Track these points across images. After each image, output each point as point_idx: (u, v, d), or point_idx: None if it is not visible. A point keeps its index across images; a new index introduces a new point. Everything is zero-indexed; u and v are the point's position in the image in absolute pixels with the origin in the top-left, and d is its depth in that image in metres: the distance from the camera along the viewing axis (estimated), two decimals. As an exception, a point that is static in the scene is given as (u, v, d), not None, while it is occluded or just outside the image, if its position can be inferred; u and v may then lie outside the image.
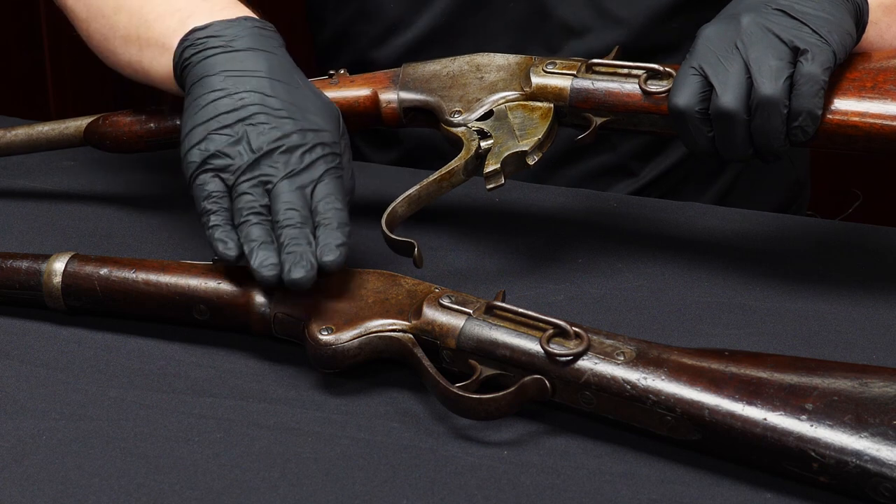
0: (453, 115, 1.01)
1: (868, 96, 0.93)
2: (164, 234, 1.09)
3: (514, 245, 1.07)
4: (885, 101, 0.93)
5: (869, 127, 0.92)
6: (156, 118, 1.07)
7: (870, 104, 0.93)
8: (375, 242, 1.08)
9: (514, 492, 0.78)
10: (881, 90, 0.93)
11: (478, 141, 0.99)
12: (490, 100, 1.01)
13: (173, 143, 1.08)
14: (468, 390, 0.82)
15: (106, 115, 1.09)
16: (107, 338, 0.93)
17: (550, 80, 1.00)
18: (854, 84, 0.94)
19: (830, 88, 0.93)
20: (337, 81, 1.05)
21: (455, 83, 1.03)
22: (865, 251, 1.06)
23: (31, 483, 0.78)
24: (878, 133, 0.92)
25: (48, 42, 2.38)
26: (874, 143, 0.92)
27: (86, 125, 1.10)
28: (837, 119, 0.93)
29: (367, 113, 1.04)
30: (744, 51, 0.92)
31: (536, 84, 1.00)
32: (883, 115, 0.92)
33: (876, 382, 0.78)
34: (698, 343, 0.88)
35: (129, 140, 1.08)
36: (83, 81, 2.40)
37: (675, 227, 1.10)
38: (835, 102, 0.93)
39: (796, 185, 1.33)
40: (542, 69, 1.01)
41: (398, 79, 1.04)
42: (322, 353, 0.86)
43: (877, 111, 0.92)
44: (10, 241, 1.07)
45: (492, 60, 1.04)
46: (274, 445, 0.82)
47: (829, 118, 0.93)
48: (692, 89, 0.93)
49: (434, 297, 0.87)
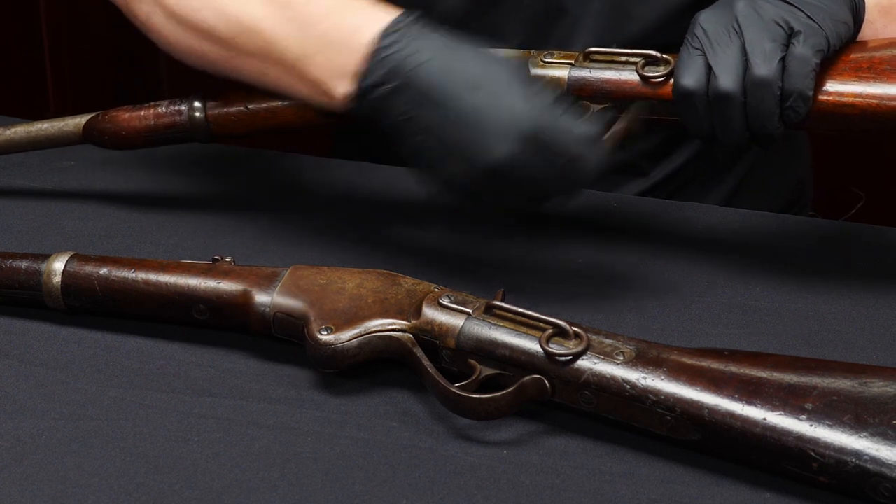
0: None
1: (865, 77, 0.94)
2: (164, 234, 1.09)
3: (514, 245, 1.07)
4: (881, 82, 0.94)
5: (866, 106, 0.93)
6: (154, 113, 1.07)
7: (866, 85, 0.94)
8: (376, 242, 1.08)
9: (514, 492, 0.78)
10: (877, 71, 0.94)
11: None
12: None
13: (172, 139, 1.08)
14: (468, 390, 0.82)
15: (105, 111, 1.10)
16: (107, 338, 0.93)
17: (549, 71, 1.01)
18: (850, 66, 0.95)
19: (828, 70, 0.94)
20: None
21: None
22: (866, 251, 1.06)
23: (31, 483, 0.78)
24: (874, 112, 0.93)
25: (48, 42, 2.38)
26: (870, 123, 0.94)
27: (85, 122, 1.10)
28: (834, 99, 0.94)
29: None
30: (739, 34, 0.93)
31: (535, 75, 1.00)
32: (880, 95, 0.93)
33: (876, 382, 0.78)
34: (698, 343, 0.88)
35: (128, 136, 1.08)
36: (83, 81, 2.40)
37: (675, 227, 1.10)
38: (832, 83, 0.94)
39: (800, 184, 1.33)
40: (541, 60, 1.01)
41: None
42: (322, 352, 0.86)
43: (873, 92, 0.93)
44: (10, 241, 1.07)
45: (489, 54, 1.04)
46: (274, 445, 0.82)
47: (826, 99, 0.94)
48: (698, 70, 0.94)
49: (433, 297, 0.87)
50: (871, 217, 1.15)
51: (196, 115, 1.06)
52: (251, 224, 1.11)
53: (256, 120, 1.06)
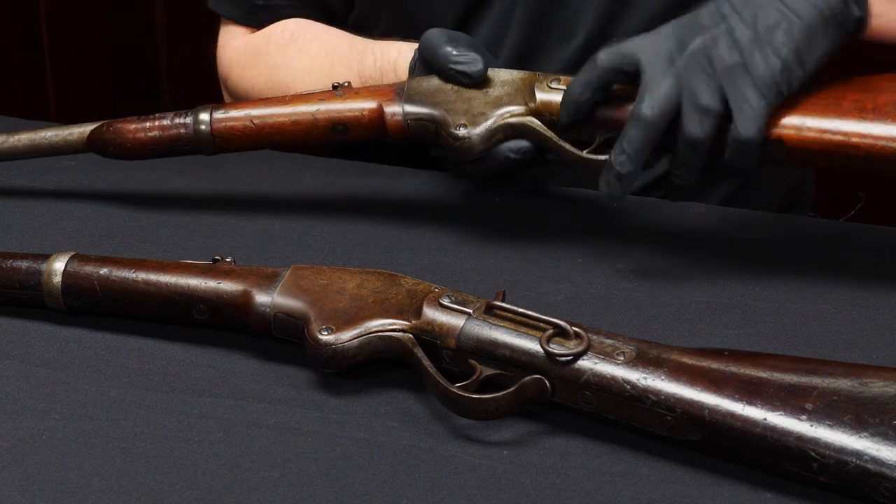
0: (458, 128, 1.01)
1: (869, 118, 0.93)
2: (164, 234, 1.09)
3: (514, 245, 1.07)
4: (886, 123, 0.93)
5: (870, 147, 0.92)
6: (160, 126, 1.07)
7: (871, 125, 0.93)
8: (376, 242, 1.08)
9: (514, 492, 0.78)
10: (882, 112, 0.93)
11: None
12: (495, 114, 1.01)
13: (177, 152, 1.09)
14: (468, 390, 0.82)
15: (109, 122, 1.10)
16: (107, 338, 0.93)
17: (555, 97, 1.01)
18: (855, 105, 0.94)
19: (833, 108, 0.94)
20: (342, 94, 1.05)
21: (460, 97, 1.03)
22: (866, 251, 1.06)
23: (31, 483, 0.78)
24: (878, 154, 0.92)
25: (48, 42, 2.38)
26: (874, 165, 0.93)
27: (89, 132, 1.10)
28: (838, 139, 0.93)
29: (372, 125, 1.05)
30: (681, 76, 0.94)
31: (541, 100, 1.01)
32: (884, 136, 0.92)
33: (876, 382, 0.78)
34: (698, 343, 0.88)
35: (133, 148, 1.08)
36: (83, 81, 2.40)
37: (675, 227, 1.10)
38: (836, 123, 0.93)
39: (800, 184, 1.33)
40: (547, 85, 1.01)
41: (403, 92, 1.04)
42: (322, 353, 0.86)
43: (878, 133, 0.92)
44: (10, 241, 1.07)
45: (496, 75, 1.04)
46: (274, 445, 0.82)
47: (829, 138, 0.93)
48: (617, 59, 0.97)
49: (434, 297, 0.87)
50: (871, 217, 1.15)
51: (201, 128, 1.06)
52: (251, 224, 1.11)
53: (262, 135, 1.06)
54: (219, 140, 1.07)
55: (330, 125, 1.05)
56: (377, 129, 1.05)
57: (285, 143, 1.06)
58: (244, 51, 1.32)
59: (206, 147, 1.07)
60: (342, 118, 1.04)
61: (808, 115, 0.94)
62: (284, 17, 1.32)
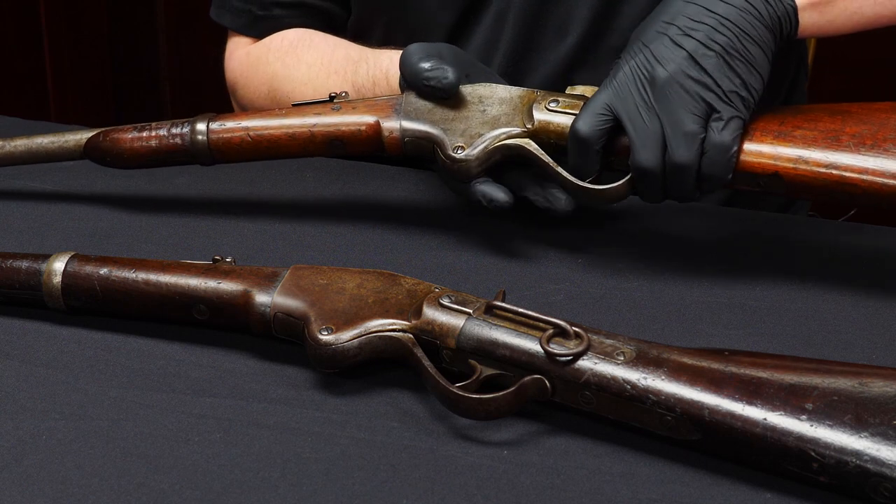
0: (456, 150, 1.00)
1: (869, 154, 0.93)
2: (164, 234, 1.09)
3: (514, 245, 1.07)
4: (885, 159, 0.92)
5: (868, 185, 0.92)
6: (157, 136, 1.07)
7: (870, 160, 0.92)
8: (376, 242, 1.08)
9: (514, 492, 0.78)
10: (881, 148, 0.93)
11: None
12: (491, 135, 1.00)
13: (175, 162, 1.09)
14: (468, 390, 0.82)
15: (106, 131, 1.09)
16: (107, 338, 0.93)
17: (553, 118, 1.00)
18: (854, 140, 0.94)
19: (829, 144, 0.94)
20: (339, 107, 1.05)
21: (457, 115, 1.02)
22: (865, 251, 1.06)
23: (31, 483, 0.78)
24: (878, 191, 0.92)
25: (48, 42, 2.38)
26: (874, 201, 0.92)
27: (86, 140, 1.10)
28: (837, 175, 0.93)
29: (370, 141, 1.04)
30: (659, 111, 0.94)
31: (539, 121, 1.00)
32: (883, 172, 0.92)
33: (876, 382, 0.78)
34: (698, 343, 0.88)
35: (130, 158, 1.08)
36: (83, 81, 2.40)
37: (675, 227, 1.10)
38: (835, 158, 0.93)
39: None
40: (545, 106, 1.00)
41: (400, 107, 1.04)
42: (322, 353, 0.86)
43: (877, 168, 0.92)
44: (10, 241, 1.07)
45: (494, 92, 1.03)
46: (274, 445, 0.82)
47: (829, 173, 0.93)
48: (598, 121, 0.97)
49: (434, 297, 0.87)
50: (871, 217, 1.15)
51: (198, 138, 1.06)
52: (251, 224, 1.11)
53: (259, 149, 1.06)
54: (216, 152, 1.07)
55: (327, 140, 1.04)
56: (374, 144, 1.04)
57: (282, 156, 1.06)
58: (246, 61, 1.33)
59: (203, 158, 1.07)
60: (339, 133, 1.04)
61: (808, 149, 0.94)
62: (285, 27, 1.32)
